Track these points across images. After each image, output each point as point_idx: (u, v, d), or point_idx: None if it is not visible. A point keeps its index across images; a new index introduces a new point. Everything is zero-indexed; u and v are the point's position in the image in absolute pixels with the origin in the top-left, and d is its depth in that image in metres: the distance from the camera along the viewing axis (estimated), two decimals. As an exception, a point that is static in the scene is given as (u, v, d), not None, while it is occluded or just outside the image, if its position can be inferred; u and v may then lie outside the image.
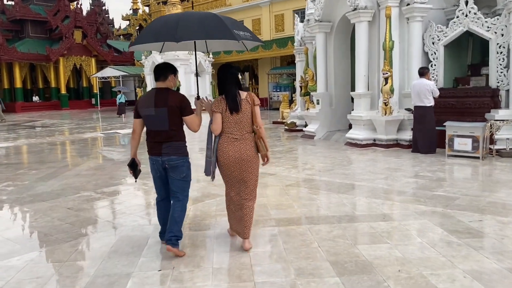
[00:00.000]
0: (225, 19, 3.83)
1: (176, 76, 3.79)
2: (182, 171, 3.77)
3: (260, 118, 3.79)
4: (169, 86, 3.78)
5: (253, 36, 4.04)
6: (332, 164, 8.08)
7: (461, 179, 6.42)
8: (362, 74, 10.19)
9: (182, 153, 3.77)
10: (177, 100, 3.67)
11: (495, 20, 8.79)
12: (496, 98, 8.89)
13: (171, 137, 3.70)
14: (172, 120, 3.66)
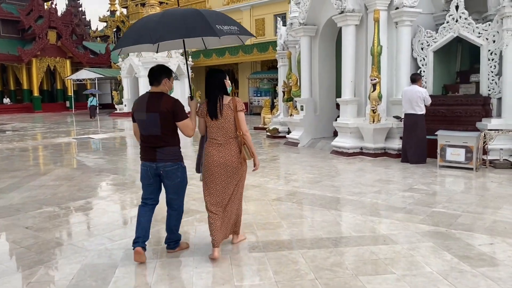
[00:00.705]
0: (209, 14, 3.62)
1: (171, 80, 3.68)
2: (177, 176, 3.72)
3: (244, 124, 3.72)
4: (163, 90, 3.68)
5: (241, 30, 3.79)
6: (320, 174, 7.59)
7: (459, 193, 6.01)
8: (349, 80, 9.77)
9: (177, 158, 3.71)
10: (169, 105, 3.56)
11: (486, 26, 8.50)
12: (487, 107, 8.59)
13: (164, 143, 3.63)
14: (164, 125, 3.58)
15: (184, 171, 3.79)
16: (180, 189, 3.80)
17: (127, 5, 43.10)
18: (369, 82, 9.27)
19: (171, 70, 3.74)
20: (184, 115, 3.61)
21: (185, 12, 3.63)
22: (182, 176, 3.75)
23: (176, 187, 3.75)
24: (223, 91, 3.71)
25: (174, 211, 3.84)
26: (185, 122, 3.61)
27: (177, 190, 3.78)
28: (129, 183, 7.32)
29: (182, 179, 3.77)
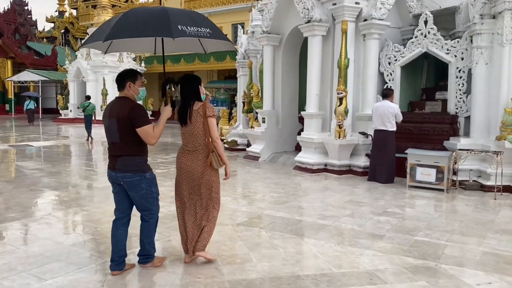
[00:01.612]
0: (177, 13, 3.42)
1: (137, 83, 3.48)
2: (141, 188, 3.47)
3: (214, 131, 3.62)
4: (128, 95, 3.48)
5: (213, 33, 3.47)
6: (285, 193, 6.98)
7: (437, 219, 5.58)
8: (314, 93, 9.29)
9: (137, 169, 3.44)
10: (126, 111, 3.34)
11: (455, 43, 8.31)
12: (455, 125, 8.37)
13: (123, 151, 3.44)
14: (122, 132, 3.39)
15: (151, 182, 3.54)
16: (148, 201, 3.56)
17: (77, 6, 41.06)
18: (336, 95, 8.83)
19: (137, 73, 3.52)
20: (144, 121, 3.36)
21: (152, 9, 3.44)
22: (147, 187, 3.50)
23: (143, 199, 3.53)
24: (196, 97, 3.66)
25: (145, 222, 3.64)
26: (145, 128, 3.35)
27: (145, 202, 3.56)
28: (71, 201, 6.36)
29: (149, 191, 3.52)
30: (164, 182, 7.66)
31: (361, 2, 8.94)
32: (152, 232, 3.69)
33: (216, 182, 3.81)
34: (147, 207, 3.58)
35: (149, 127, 3.37)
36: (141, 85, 3.55)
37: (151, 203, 3.58)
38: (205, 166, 3.65)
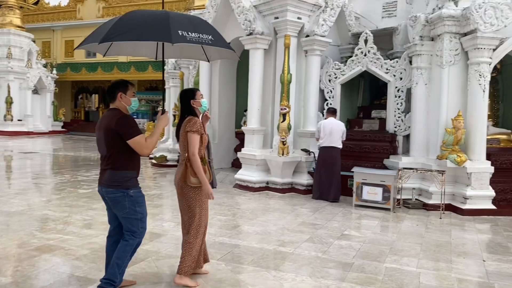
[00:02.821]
0: (178, 17, 3.29)
1: (128, 94, 3.31)
2: (123, 207, 3.27)
3: (191, 146, 3.52)
4: (119, 106, 3.31)
5: (215, 41, 3.34)
6: (233, 216, 6.43)
7: (396, 241, 5.40)
8: (255, 108, 8.90)
9: (119, 185, 3.24)
10: (114, 123, 3.19)
11: (394, 63, 8.46)
12: (394, 144, 8.47)
13: (110, 165, 3.26)
14: (109, 145, 3.24)
15: (135, 201, 3.28)
16: (131, 222, 3.30)
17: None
18: (278, 111, 8.53)
19: (128, 84, 3.35)
20: (133, 132, 3.20)
21: (152, 13, 3.31)
22: (131, 206, 3.27)
23: (125, 219, 3.30)
24: (189, 112, 3.66)
25: (124, 241, 3.34)
26: (136, 139, 3.19)
27: (127, 223, 3.32)
28: (-25, 231, 5.21)
29: (132, 210, 3.27)
30: (91, 205, 6.71)
31: (303, 18, 8.80)
32: (126, 254, 3.36)
33: (195, 202, 3.64)
34: (129, 228, 3.33)
35: (140, 137, 3.22)
36: (133, 96, 3.36)
37: (133, 224, 3.32)
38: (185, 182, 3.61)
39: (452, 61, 7.46)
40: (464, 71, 7.44)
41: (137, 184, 3.36)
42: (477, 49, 7.12)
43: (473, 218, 6.76)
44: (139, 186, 3.38)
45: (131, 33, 3.10)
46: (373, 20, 9.94)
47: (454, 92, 7.51)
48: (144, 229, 3.43)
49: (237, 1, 9.01)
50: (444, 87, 7.51)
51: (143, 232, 3.42)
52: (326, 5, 8.79)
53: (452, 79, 7.50)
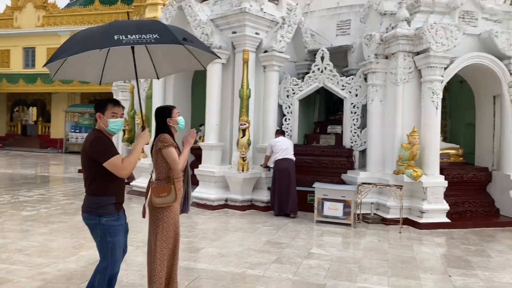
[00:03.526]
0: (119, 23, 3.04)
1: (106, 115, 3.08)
2: (96, 234, 3.09)
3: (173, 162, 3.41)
4: (100, 127, 3.13)
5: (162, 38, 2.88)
6: (195, 237, 6.16)
7: (363, 259, 5.39)
8: (214, 123, 8.70)
9: (92, 211, 3.06)
10: (87, 145, 3.06)
11: (350, 80, 8.63)
12: (351, 159, 8.59)
13: (86, 189, 3.11)
14: (86, 168, 3.09)
15: (106, 230, 3.04)
16: (102, 251, 3.10)
17: None
18: (238, 126, 8.40)
19: (107, 103, 3.11)
20: (107, 154, 2.97)
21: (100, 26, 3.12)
22: (102, 235, 3.05)
23: (98, 247, 3.12)
24: (163, 130, 3.53)
25: (97, 272, 3.14)
26: (111, 161, 2.96)
27: (98, 251, 3.12)
28: None
29: (103, 240, 3.06)
30: (38, 229, 6.18)
31: (261, 34, 8.78)
32: (101, 285, 3.11)
33: (160, 223, 3.47)
34: (101, 259, 3.11)
35: (115, 158, 2.97)
36: (112, 116, 3.09)
37: (104, 255, 3.09)
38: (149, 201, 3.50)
39: (406, 79, 7.71)
40: (417, 88, 7.71)
41: (113, 211, 3.07)
42: (430, 67, 7.41)
43: (430, 232, 6.94)
44: (116, 213, 3.10)
45: (70, 49, 2.88)
46: (328, 37, 10.13)
47: (408, 109, 7.75)
48: (116, 262, 3.14)
49: (194, 14, 8.83)
50: (399, 103, 7.74)
51: (115, 265, 3.13)
52: (284, 21, 8.83)
53: (406, 96, 7.74)
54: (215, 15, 8.87)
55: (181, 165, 3.46)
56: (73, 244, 5.51)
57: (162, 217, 3.46)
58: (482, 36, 7.82)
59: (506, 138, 7.85)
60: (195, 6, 8.88)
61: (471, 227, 7.30)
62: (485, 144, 8.42)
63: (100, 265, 3.13)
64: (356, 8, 9.92)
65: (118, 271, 3.23)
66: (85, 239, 5.79)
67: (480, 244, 6.31)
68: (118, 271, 3.23)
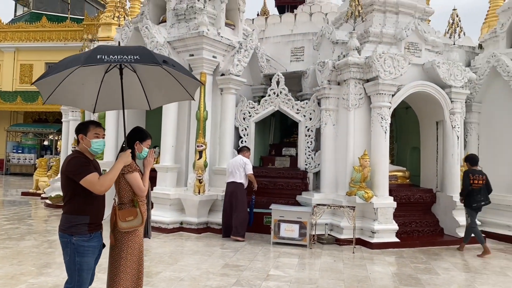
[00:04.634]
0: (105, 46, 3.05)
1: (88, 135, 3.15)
2: (66, 253, 3.09)
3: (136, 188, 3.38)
4: (81, 148, 3.19)
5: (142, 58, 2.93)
6: (151, 261, 6.02)
7: (321, 279, 5.51)
8: (169, 145, 8.63)
9: (65, 229, 3.08)
10: (64, 165, 3.13)
11: (304, 104, 8.92)
12: (306, 180, 8.80)
13: (63, 208, 3.14)
14: (63, 187, 3.14)
15: (76, 250, 3.03)
16: (69, 271, 3.08)
17: None
18: (195, 148, 8.39)
19: (89, 124, 3.21)
20: (83, 171, 3.00)
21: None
22: (71, 255, 3.05)
23: (66, 267, 3.10)
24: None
25: None
26: (87, 178, 2.99)
27: (67, 272, 3.10)
28: None
29: (71, 259, 3.05)
30: (-19, 256, 5.81)
31: (218, 57, 8.91)
32: None
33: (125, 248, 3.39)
34: (68, 279, 3.10)
35: (91, 176, 3.00)
36: (95, 137, 3.17)
37: (71, 275, 3.08)
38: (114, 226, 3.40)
39: (357, 104, 8.09)
40: (367, 113, 8.11)
41: (85, 232, 3.06)
42: (379, 94, 7.83)
43: (382, 251, 7.21)
44: (88, 234, 3.07)
45: (59, 67, 2.94)
46: (283, 63, 10.45)
47: (360, 133, 8.11)
48: (82, 283, 3.10)
49: (151, 36, 8.83)
50: (351, 128, 8.09)
51: (81, 286, 3.09)
52: (241, 46, 9.03)
53: (358, 120, 8.11)
54: (172, 37, 8.92)
55: (146, 192, 3.44)
56: (21, 271, 5.22)
57: (127, 242, 3.39)
58: (425, 66, 8.40)
59: (448, 161, 8.37)
60: (152, 28, 8.89)
61: (418, 246, 7.66)
62: (429, 166, 8.93)
63: (67, 285, 3.09)
64: (309, 36, 10.35)
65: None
66: (34, 266, 5.52)
67: (428, 262, 6.64)
68: None
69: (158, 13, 9.85)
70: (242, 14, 9.84)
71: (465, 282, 5.64)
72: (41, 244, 6.83)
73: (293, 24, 11.59)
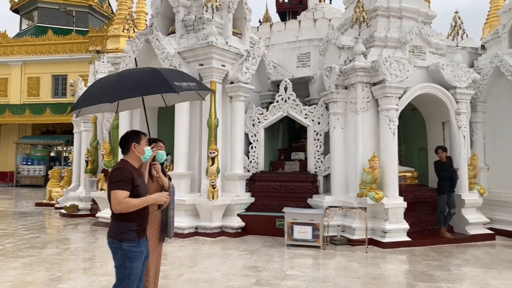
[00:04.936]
0: (167, 72, 3.63)
1: (142, 144, 3.33)
2: (116, 258, 3.21)
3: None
4: (131, 156, 3.31)
5: (200, 86, 3.79)
6: (172, 264, 6.22)
7: (337, 278, 5.69)
8: (183, 152, 8.87)
9: (115, 236, 3.20)
10: (109, 174, 3.24)
11: (312, 109, 9.13)
12: (316, 184, 8.99)
13: (111, 215, 3.25)
14: (109, 195, 3.20)
15: (126, 255, 3.15)
16: (118, 276, 3.20)
17: None
18: (207, 155, 8.61)
19: (140, 133, 3.39)
20: (118, 185, 3.12)
21: (142, 70, 3.65)
22: (121, 261, 3.16)
23: (116, 272, 3.22)
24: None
25: None
26: (115, 192, 3.11)
27: (116, 275, 3.22)
28: None
29: (122, 265, 3.17)
30: (8, 263, 6.04)
31: (227, 66, 9.16)
32: None
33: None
34: (116, 283, 3.22)
35: (120, 192, 3.10)
36: (146, 145, 3.39)
37: (120, 279, 3.21)
38: None
39: (365, 108, 8.30)
40: (375, 116, 8.30)
41: (135, 237, 3.20)
42: (386, 97, 8.03)
43: (394, 250, 7.37)
44: (137, 240, 3.22)
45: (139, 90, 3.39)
46: (289, 69, 10.68)
47: (368, 135, 8.30)
48: (131, 286, 3.25)
49: (161, 47, 9.08)
50: (359, 130, 8.28)
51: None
52: (248, 54, 9.28)
53: (366, 123, 8.31)
54: (182, 48, 9.17)
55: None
56: (49, 277, 5.43)
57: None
58: (430, 68, 8.60)
59: (455, 161, 8.54)
60: (163, 39, 9.15)
61: (429, 245, 7.82)
62: (437, 166, 9.09)
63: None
64: (315, 42, 10.58)
65: None
66: (61, 272, 5.73)
67: (440, 259, 6.80)
68: None
69: (167, 24, 10.12)
70: (248, 23, 10.11)
71: (478, 277, 5.81)
72: (63, 251, 7.05)
73: (298, 30, 11.83)
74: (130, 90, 3.33)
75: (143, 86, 3.36)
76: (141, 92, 3.39)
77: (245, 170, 9.25)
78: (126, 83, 3.39)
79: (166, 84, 3.37)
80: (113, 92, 3.31)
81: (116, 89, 3.34)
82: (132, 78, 3.47)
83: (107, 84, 3.50)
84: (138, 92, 3.38)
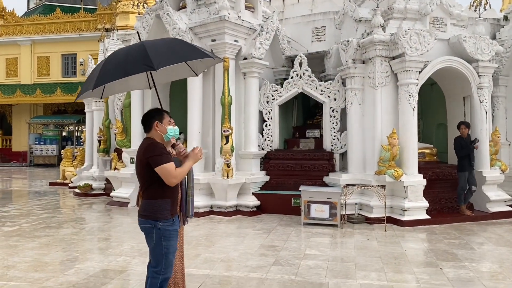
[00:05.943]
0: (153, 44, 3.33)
1: (164, 122, 3.20)
2: (151, 239, 3.15)
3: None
4: (154, 135, 3.19)
5: (194, 54, 3.45)
6: (189, 244, 6.11)
7: (357, 257, 5.57)
8: (196, 131, 8.72)
9: (148, 215, 3.12)
10: (141, 151, 3.13)
11: (328, 84, 8.88)
12: (332, 161, 8.82)
13: (143, 194, 3.20)
14: (141, 174, 3.17)
15: (162, 234, 3.10)
16: (156, 256, 3.14)
17: None
18: (221, 133, 8.46)
19: (163, 111, 3.27)
20: (160, 160, 3.04)
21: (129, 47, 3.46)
22: (157, 240, 3.11)
23: (151, 252, 3.18)
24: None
25: (148, 278, 3.22)
26: (164, 167, 3.02)
27: (152, 256, 3.19)
28: None
29: (158, 244, 3.11)
30: (25, 243, 6.01)
31: (240, 41, 8.90)
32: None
33: None
34: (153, 263, 3.17)
35: (169, 165, 3.04)
36: (169, 124, 3.23)
37: (158, 259, 3.14)
38: None
39: (383, 83, 8.03)
40: (394, 91, 8.04)
41: (169, 216, 3.13)
42: (406, 71, 7.75)
43: (413, 229, 7.22)
44: (171, 218, 3.14)
45: (117, 72, 3.16)
46: (304, 44, 10.37)
47: (387, 111, 8.06)
48: (169, 266, 3.20)
49: (172, 23, 8.83)
50: (378, 106, 8.04)
51: (167, 269, 3.20)
52: (262, 29, 8.99)
53: (384, 99, 8.05)
54: (193, 23, 8.92)
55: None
56: (67, 258, 5.39)
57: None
58: (451, 41, 8.26)
59: (476, 137, 8.28)
60: (173, 14, 8.89)
61: (449, 222, 7.66)
62: (457, 143, 8.84)
63: (153, 269, 3.17)
64: (330, 15, 10.23)
65: (171, 275, 3.28)
66: (78, 252, 5.70)
67: (461, 237, 6.65)
68: (170, 276, 3.27)
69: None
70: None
71: (502, 256, 5.64)
72: (79, 231, 7.03)
73: (312, 3, 11.44)
74: (108, 74, 3.14)
75: (181, 53, 3.28)
76: (181, 58, 3.30)
77: (260, 148, 9.10)
78: (108, 66, 3.20)
79: (146, 61, 3.04)
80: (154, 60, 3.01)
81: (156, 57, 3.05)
82: (118, 57, 3.26)
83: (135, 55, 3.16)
84: (178, 58, 3.27)
